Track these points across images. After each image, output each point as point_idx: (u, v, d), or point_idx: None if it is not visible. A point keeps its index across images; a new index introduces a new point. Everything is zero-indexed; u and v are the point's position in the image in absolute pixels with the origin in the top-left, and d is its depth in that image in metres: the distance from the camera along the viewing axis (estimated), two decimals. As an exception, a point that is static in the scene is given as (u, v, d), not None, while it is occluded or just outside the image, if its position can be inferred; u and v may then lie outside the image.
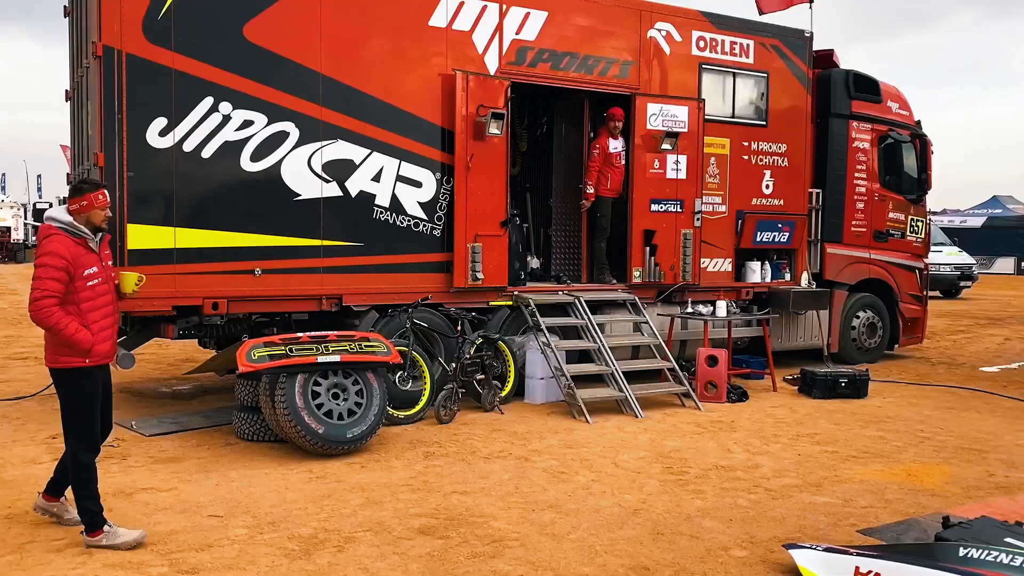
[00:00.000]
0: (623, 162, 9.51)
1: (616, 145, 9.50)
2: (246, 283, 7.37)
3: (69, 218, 4.65)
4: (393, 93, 7.93)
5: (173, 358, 11.17)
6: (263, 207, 7.44)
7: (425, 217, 8.18)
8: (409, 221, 8.09)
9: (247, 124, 7.30)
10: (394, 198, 7.97)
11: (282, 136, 7.45)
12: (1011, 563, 3.76)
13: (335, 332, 6.84)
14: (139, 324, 7.77)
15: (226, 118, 7.22)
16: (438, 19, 8.15)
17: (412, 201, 8.09)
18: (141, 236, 6.98)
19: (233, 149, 7.27)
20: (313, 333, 6.71)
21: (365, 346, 6.67)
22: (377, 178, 7.87)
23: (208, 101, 7.15)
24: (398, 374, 7.63)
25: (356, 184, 7.78)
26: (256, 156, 7.36)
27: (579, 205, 9.79)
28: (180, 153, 7.07)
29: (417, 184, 8.11)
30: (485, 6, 8.39)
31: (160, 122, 6.99)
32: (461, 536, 4.82)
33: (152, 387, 9.29)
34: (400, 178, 8.00)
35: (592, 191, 9.51)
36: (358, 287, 7.84)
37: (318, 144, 7.59)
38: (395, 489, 5.67)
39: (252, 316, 7.86)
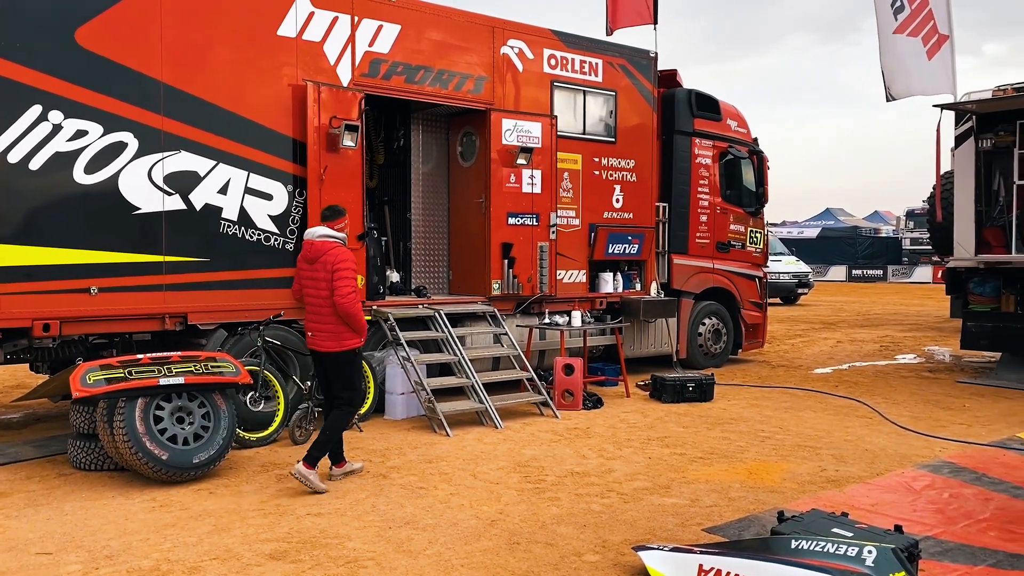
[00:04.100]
0: None
1: None
2: (81, 302, 6.92)
3: (343, 235, 6.19)
4: (240, 103, 7.69)
5: (1, 384, 10.34)
6: (99, 222, 7.02)
7: (276, 231, 7.95)
8: (259, 235, 7.85)
9: (81, 134, 6.88)
10: (243, 211, 7.71)
11: (119, 147, 7.06)
12: (836, 551, 4.03)
13: (179, 352, 6.53)
14: (-42, 349, 7.14)
15: (57, 127, 6.77)
16: (287, 29, 7.97)
17: (262, 214, 7.85)
18: (-40, 253, 6.44)
19: (65, 160, 6.83)
20: (155, 354, 6.39)
21: (212, 366, 6.41)
22: (224, 190, 7.60)
23: (36, 109, 6.68)
24: (249, 395, 7.38)
25: (201, 197, 7.47)
26: (91, 168, 6.94)
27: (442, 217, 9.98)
28: (5, 164, 6.57)
29: (267, 197, 7.88)
30: (336, 17, 8.28)
31: (-20, 131, 6.48)
32: (314, 559, 4.70)
33: (-25, 417, 8.57)
34: (249, 190, 7.75)
35: None
36: (205, 304, 7.53)
37: (159, 155, 7.25)
38: (245, 514, 5.47)
39: (89, 338, 7.40)
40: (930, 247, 26.69)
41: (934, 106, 10.81)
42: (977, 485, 6.23)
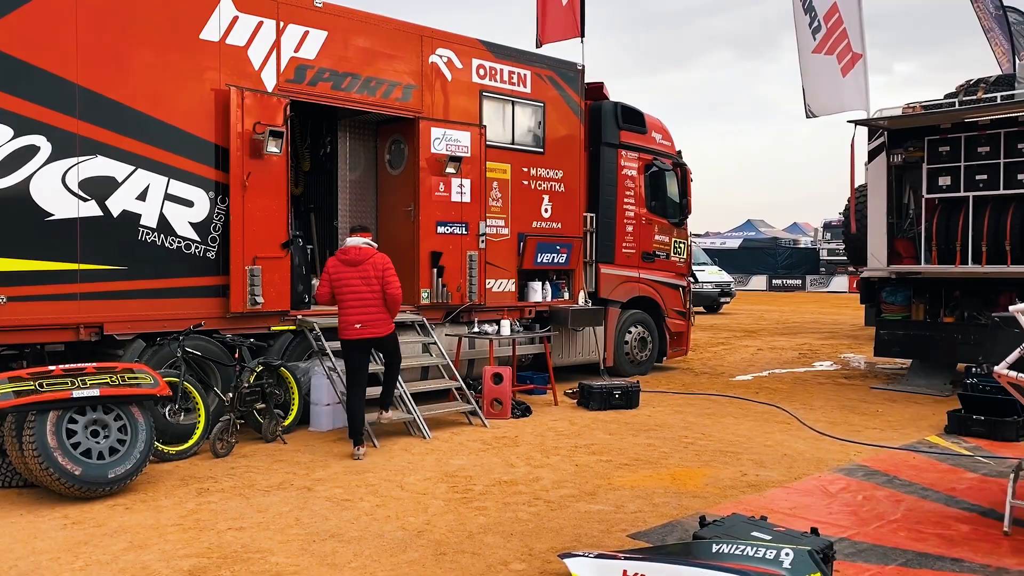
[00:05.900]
0: None
1: None
2: (-12, 312, 6.63)
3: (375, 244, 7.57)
4: (160, 107, 7.49)
5: (-101, 399, 9.79)
6: (8, 228, 6.73)
7: (198, 238, 7.76)
8: (180, 243, 7.65)
9: (-11, 136, 6.61)
10: (162, 218, 7.50)
11: (31, 151, 6.80)
12: (755, 555, 4.13)
13: (94, 364, 6.31)
14: None
15: (-38, 129, 6.49)
16: (210, 32, 7.81)
17: (183, 221, 7.65)
18: None
19: (-29, 163, 6.54)
20: (68, 366, 6.16)
21: (128, 378, 6.21)
22: (143, 197, 7.38)
23: (-60, 109, 6.40)
24: (168, 407, 7.17)
25: (118, 203, 7.24)
26: (0, 172, 6.67)
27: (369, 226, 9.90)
28: (-96, 167, 6.27)
29: (188, 203, 7.69)
30: (261, 22, 8.15)
31: None
32: (235, 574, 4.59)
33: None
34: (169, 197, 7.55)
35: None
36: (122, 314, 7.29)
37: (74, 160, 7.00)
38: (163, 530, 5.31)
39: (-4, 349, 7.08)
40: (846, 258, 27.65)
41: (848, 122, 11.24)
42: (889, 487, 6.47)
